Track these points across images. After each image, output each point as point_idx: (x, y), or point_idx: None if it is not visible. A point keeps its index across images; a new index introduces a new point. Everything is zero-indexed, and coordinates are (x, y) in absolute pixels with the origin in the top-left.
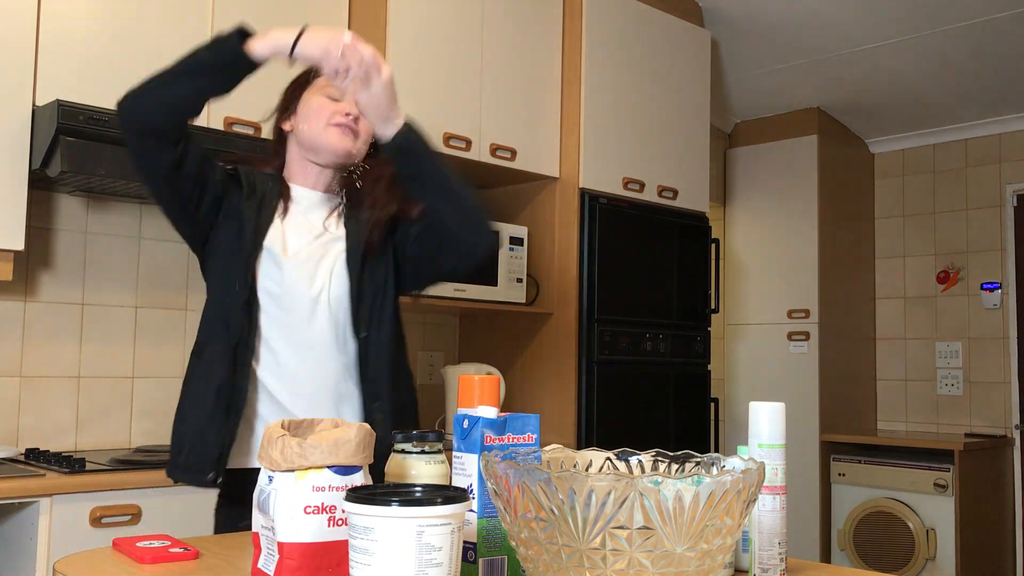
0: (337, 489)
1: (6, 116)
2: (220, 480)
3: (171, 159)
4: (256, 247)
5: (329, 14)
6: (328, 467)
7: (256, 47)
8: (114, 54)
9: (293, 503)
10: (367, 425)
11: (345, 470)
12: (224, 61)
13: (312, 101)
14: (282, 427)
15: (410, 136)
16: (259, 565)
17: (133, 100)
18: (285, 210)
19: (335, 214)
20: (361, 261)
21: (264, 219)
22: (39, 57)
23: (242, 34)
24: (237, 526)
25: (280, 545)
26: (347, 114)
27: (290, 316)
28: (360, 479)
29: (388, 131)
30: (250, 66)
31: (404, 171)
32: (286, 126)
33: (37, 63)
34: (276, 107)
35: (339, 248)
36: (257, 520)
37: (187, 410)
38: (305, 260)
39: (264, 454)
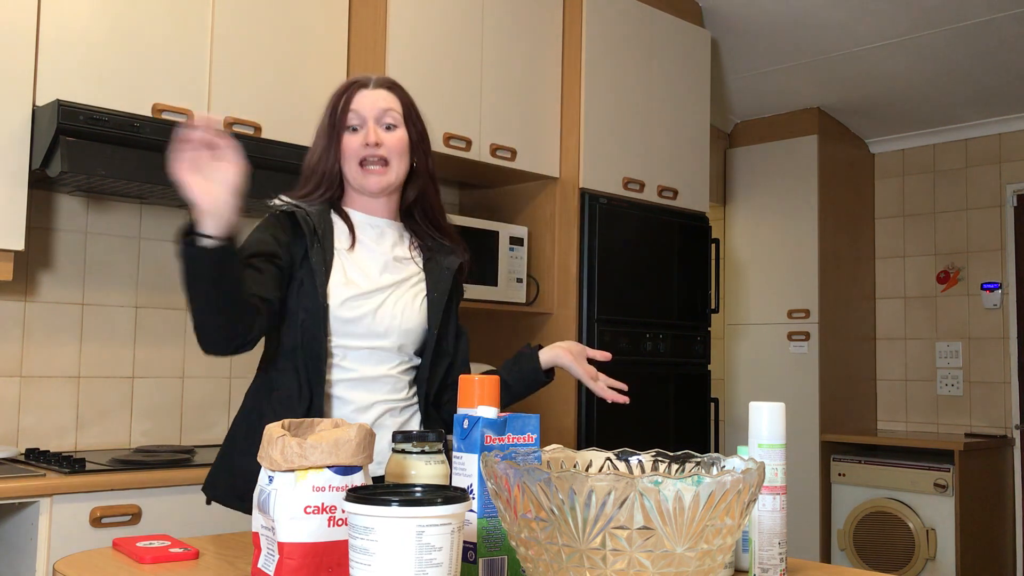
0: (337, 489)
1: (6, 116)
2: None
3: (258, 333)
4: (326, 288)
5: (329, 14)
6: (328, 467)
7: (205, 226)
8: (114, 54)
9: (293, 503)
10: (367, 425)
11: (345, 470)
12: (201, 265)
13: (343, 140)
14: (282, 427)
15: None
16: (259, 565)
17: (199, 335)
18: (352, 241)
19: (405, 243)
20: (444, 309)
21: (329, 257)
22: (39, 57)
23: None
24: None
25: (280, 545)
26: (367, 144)
27: (364, 342)
28: (360, 479)
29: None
30: (224, 257)
31: (515, 391)
32: (335, 160)
33: (37, 63)
34: (321, 138)
35: (414, 282)
36: (257, 520)
37: (256, 444)
38: (375, 291)
39: (264, 454)
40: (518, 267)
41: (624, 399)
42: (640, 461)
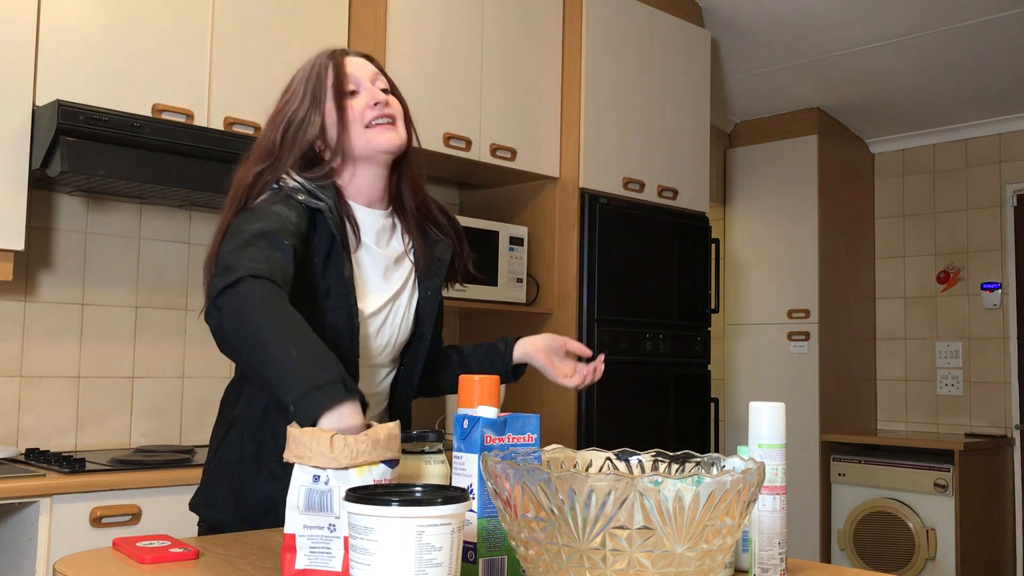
0: (389, 482)
1: (6, 116)
2: None
3: None
4: (357, 306)
5: (329, 14)
6: (382, 461)
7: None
8: (114, 54)
9: None
10: (398, 422)
11: (393, 463)
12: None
13: (346, 105)
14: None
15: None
16: (305, 566)
17: (225, 328)
18: (357, 241)
19: (398, 233)
20: (435, 314)
21: (347, 268)
22: (39, 57)
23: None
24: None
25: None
26: (376, 104)
27: (362, 360)
28: (398, 472)
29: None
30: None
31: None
32: (321, 144)
33: (37, 63)
34: (302, 106)
35: (409, 288)
36: (298, 521)
37: (276, 471)
38: (379, 312)
39: (302, 452)
40: (518, 267)
41: (598, 370)
42: (640, 461)
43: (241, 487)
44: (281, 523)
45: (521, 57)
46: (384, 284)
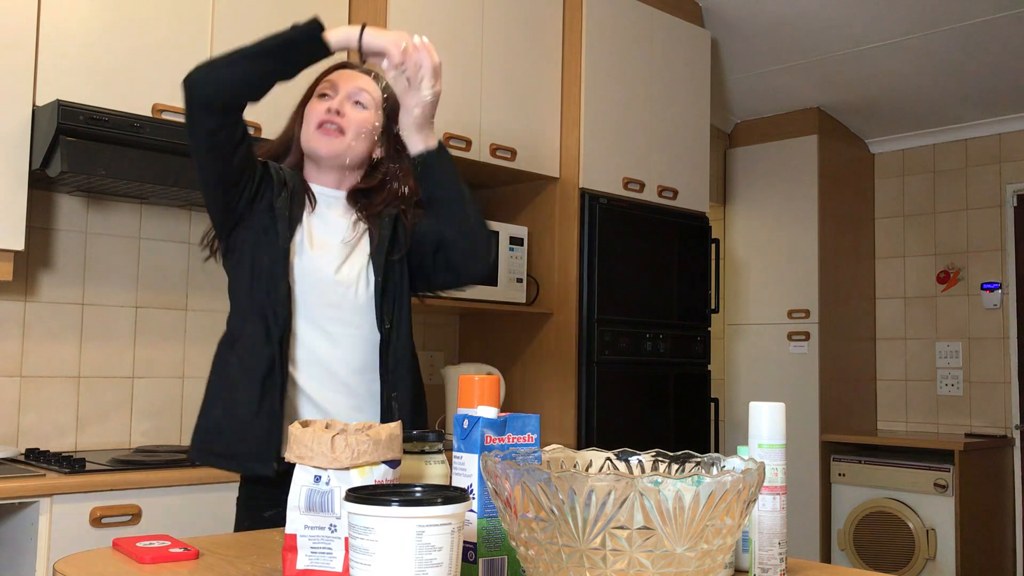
0: (391, 483)
1: (6, 116)
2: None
3: (230, 138)
4: (290, 240)
5: (329, 14)
6: (384, 462)
7: (329, 35)
8: (115, 54)
9: None
10: (399, 422)
11: (394, 463)
12: (300, 41)
13: (310, 105)
14: (302, 425)
15: (441, 156)
16: (304, 566)
17: (202, 75)
18: (313, 205)
19: (356, 212)
20: (385, 258)
21: (295, 214)
22: (39, 57)
23: (318, 24)
24: (262, 516)
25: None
26: (328, 110)
27: (323, 309)
28: (399, 472)
29: (417, 147)
30: (320, 52)
31: (426, 190)
32: (297, 130)
33: (37, 63)
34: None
35: (364, 245)
36: (299, 521)
37: (226, 399)
38: (333, 255)
39: (304, 453)
40: (518, 267)
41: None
42: (640, 461)
43: (201, 418)
44: (229, 446)
45: (521, 57)
46: (337, 240)
